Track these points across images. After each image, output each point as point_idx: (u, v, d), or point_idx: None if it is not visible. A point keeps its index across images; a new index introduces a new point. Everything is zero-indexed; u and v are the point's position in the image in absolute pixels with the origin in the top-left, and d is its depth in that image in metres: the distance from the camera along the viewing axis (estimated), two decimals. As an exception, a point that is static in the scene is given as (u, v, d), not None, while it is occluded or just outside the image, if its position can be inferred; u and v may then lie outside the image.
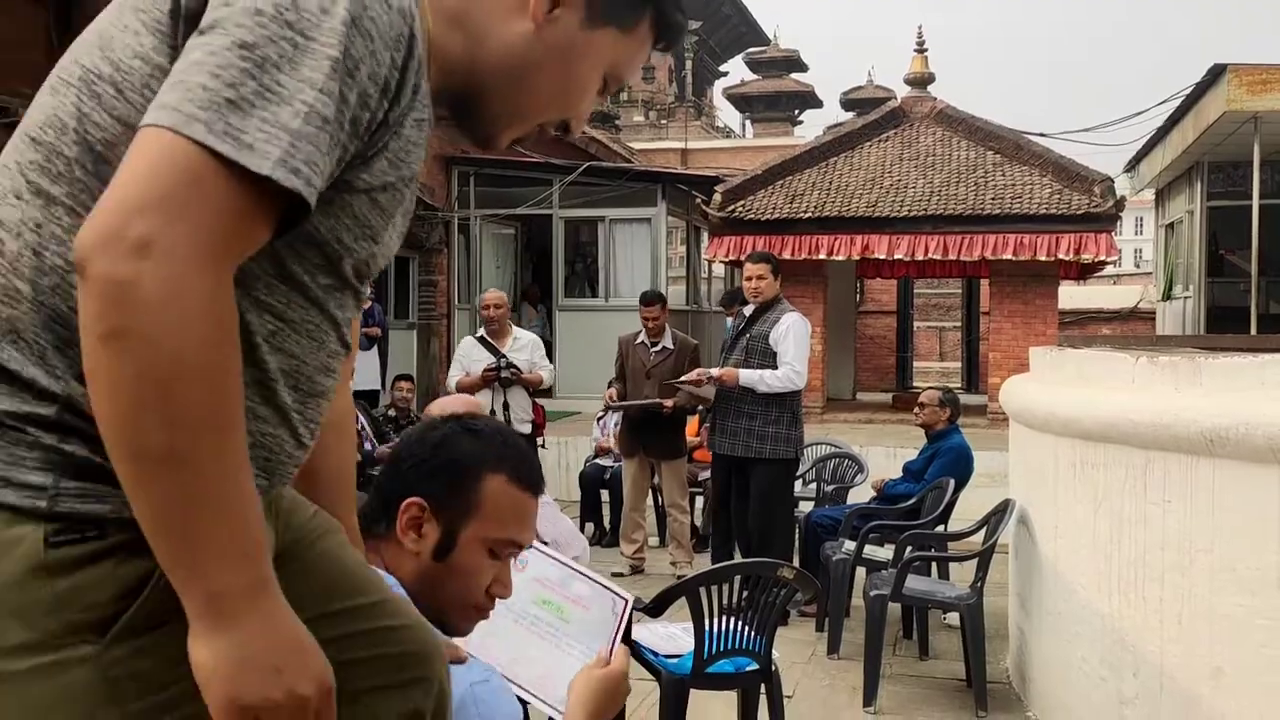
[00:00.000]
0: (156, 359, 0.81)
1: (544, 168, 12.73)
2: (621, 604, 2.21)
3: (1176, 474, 3.36)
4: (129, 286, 0.80)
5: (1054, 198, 10.09)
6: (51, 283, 0.92)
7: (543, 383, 6.59)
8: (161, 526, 0.84)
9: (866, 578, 4.99)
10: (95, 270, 0.80)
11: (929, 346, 23.15)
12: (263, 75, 0.85)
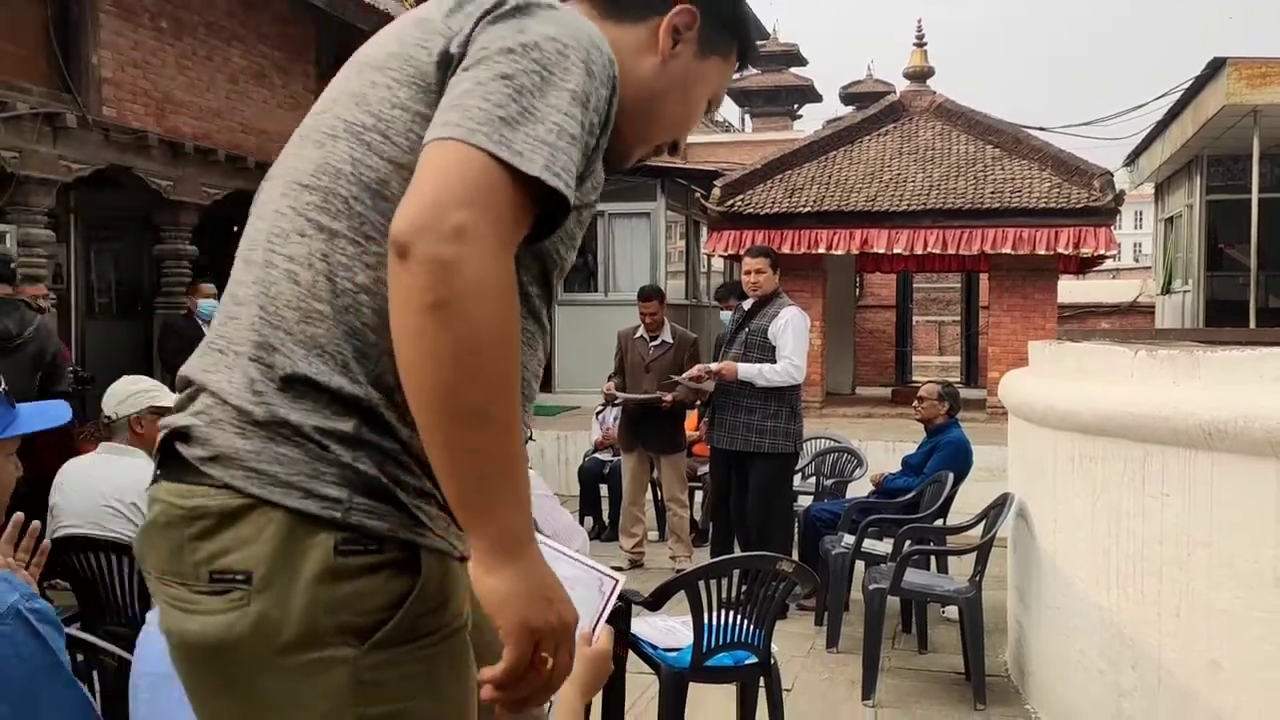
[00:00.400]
0: (473, 328, 0.96)
1: (543, 162, 12.70)
2: (610, 584, 2.22)
3: (1175, 467, 3.36)
4: (451, 265, 0.95)
5: (1053, 192, 10.08)
6: (345, 303, 1.08)
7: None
8: (467, 473, 0.99)
9: (865, 571, 4.99)
10: (420, 252, 0.95)
11: (928, 341, 23.14)
12: (521, 99, 1.03)
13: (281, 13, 9.55)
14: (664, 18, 1.26)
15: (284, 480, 1.04)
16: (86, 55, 7.38)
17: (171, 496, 1.08)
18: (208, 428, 1.08)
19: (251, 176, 9.02)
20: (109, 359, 9.76)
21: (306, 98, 9.95)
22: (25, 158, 6.87)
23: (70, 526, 3.49)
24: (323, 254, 1.10)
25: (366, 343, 1.07)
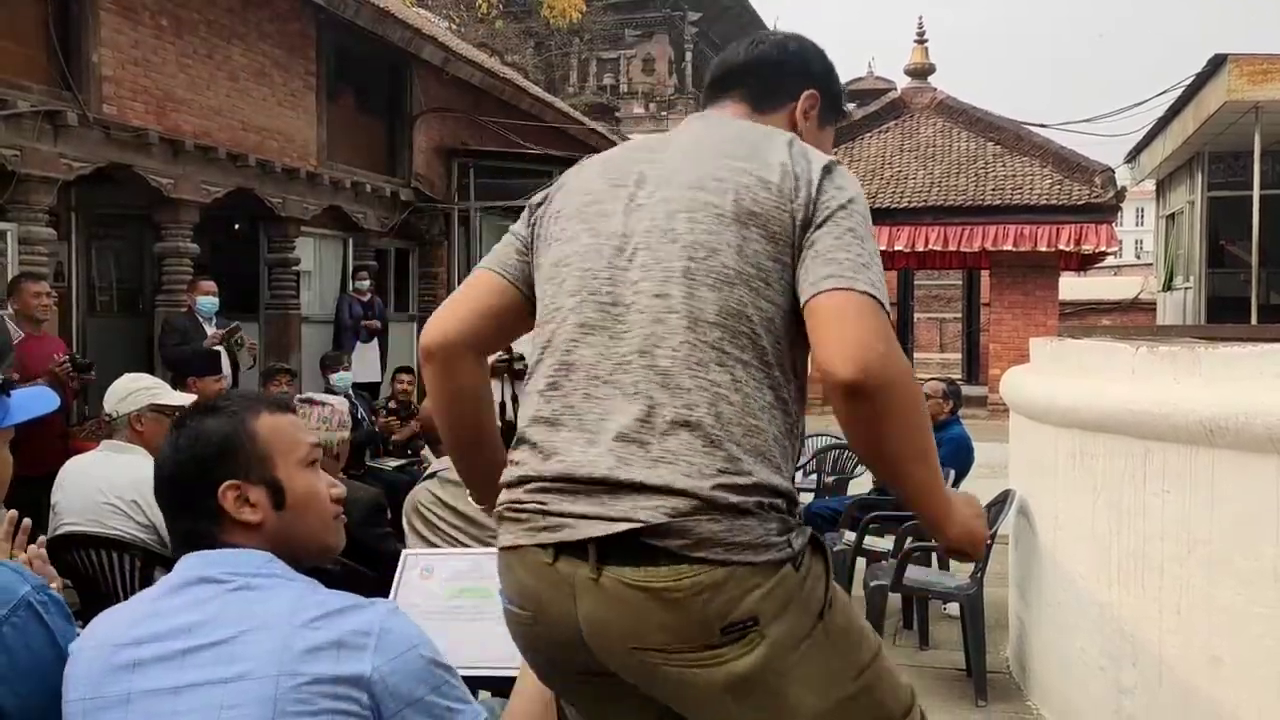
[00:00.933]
0: (918, 414, 1.46)
1: (543, 159, 12.70)
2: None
3: (1175, 464, 3.36)
4: (894, 385, 1.41)
5: (1054, 189, 10.07)
6: (766, 418, 1.47)
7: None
8: (922, 490, 1.51)
9: (866, 568, 5.00)
10: (872, 385, 1.38)
11: (929, 338, 23.15)
12: (864, 246, 1.48)
13: (282, 10, 9.55)
14: (797, 103, 1.75)
15: (751, 544, 1.40)
16: (87, 53, 7.37)
17: (661, 581, 1.39)
18: (683, 520, 1.39)
19: (251, 174, 9.02)
20: (110, 356, 9.74)
21: (306, 95, 9.95)
22: (26, 156, 6.87)
23: (71, 524, 3.49)
24: (741, 380, 1.46)
25: (784, 447, 1.50)
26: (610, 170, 1.68)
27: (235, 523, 1.43)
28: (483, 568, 2.08)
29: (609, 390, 1.47)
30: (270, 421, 1.49)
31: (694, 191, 1.53)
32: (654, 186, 1.58)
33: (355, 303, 9.89)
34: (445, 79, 12.31)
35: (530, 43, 24.63)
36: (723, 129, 1.68)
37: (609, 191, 1.63)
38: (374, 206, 11.11)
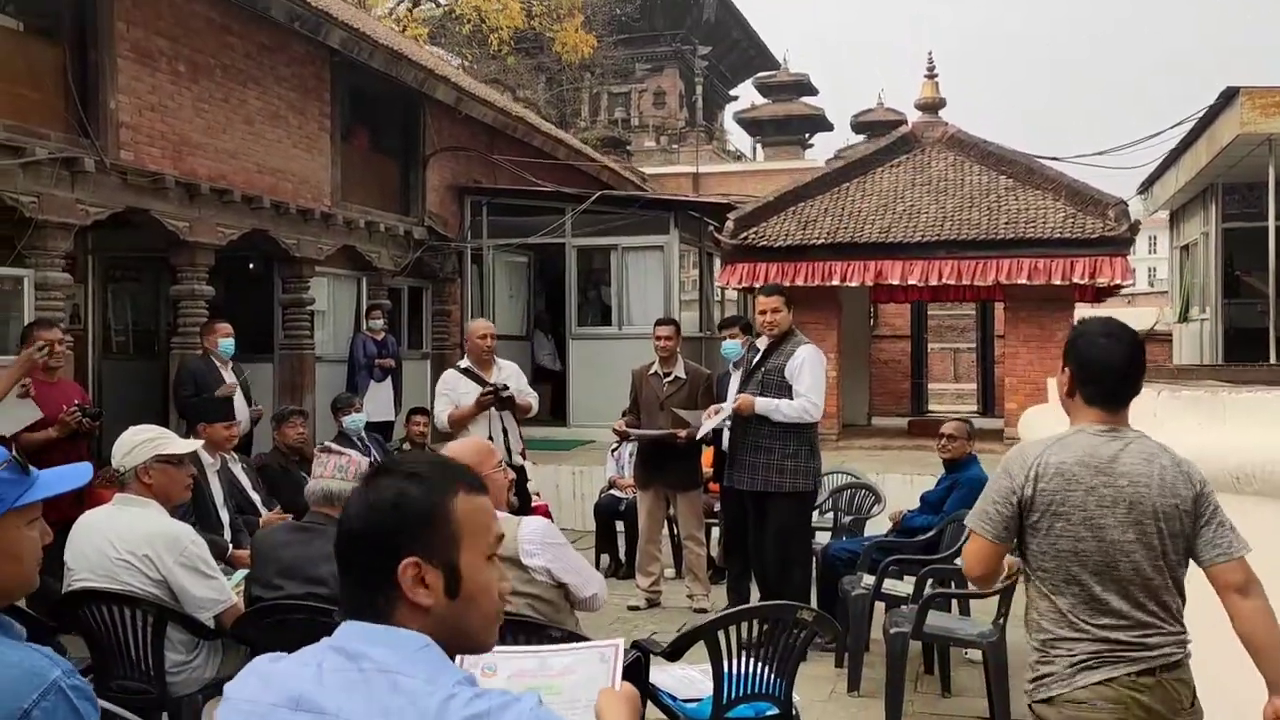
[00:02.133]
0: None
1: (556, 196, 12.75)
2: (610, 650, 2.19)
3: (1201, 511, 3.30)
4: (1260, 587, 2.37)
5: (1068, 222, 10.03)
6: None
7: (532, 409, 6.49)
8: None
9: (886, 613, 4.92)
10: (1256, 589, 2.43)
11: (943, 368, 23.02)
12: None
13: (297, 54, 9.64)
14: None
15: None
16: (105, 100, 7.44)
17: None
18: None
19: (266, 216, 9.08)
20: (125, 397, 9.79)
21: (321, 137, 10.03)
22: (44, 202, 6.92)
23: (83, 580, 3.47)
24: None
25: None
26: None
27: (406, 600, 1.38)
28: (548, 665, 2.03)
29: None
30: (467, 503, 1.44)
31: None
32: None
33: (369, 342, 9.90)
34: (458, 118, 12.40)
35: (542, 78, 24.80)
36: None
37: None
38: (387, 245, 11.16)
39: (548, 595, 3.30)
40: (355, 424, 7.06)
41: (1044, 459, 2.44)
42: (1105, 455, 2.44)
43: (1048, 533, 2.42)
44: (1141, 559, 2.39)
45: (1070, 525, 2.39)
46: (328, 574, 3.34)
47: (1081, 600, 2.40)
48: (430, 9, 24.58)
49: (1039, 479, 2.42)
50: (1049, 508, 2.41)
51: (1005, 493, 2.47)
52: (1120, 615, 2.39)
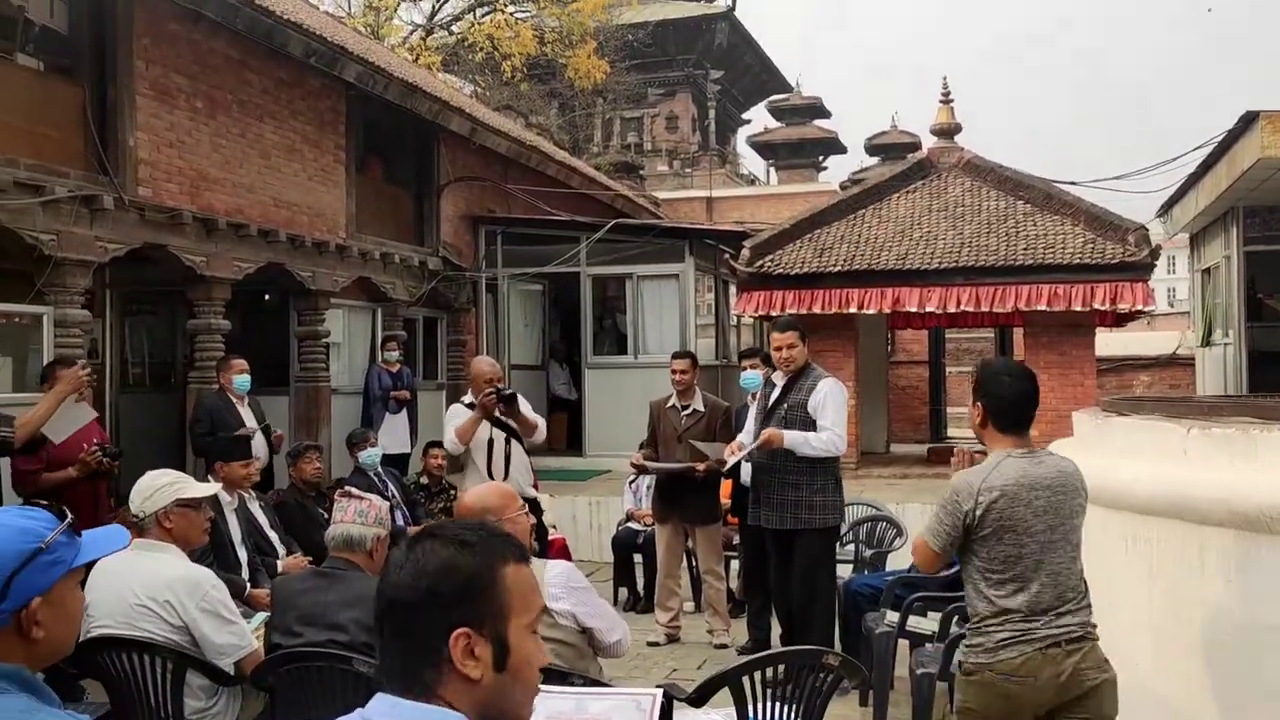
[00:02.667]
0: None
1: (570, 225, 12.77)
2: (647, 700, 2.15)
3: (1235, 551, 3.24)
4: None
5: (1087, 247, 9.96)
6: None
7: (539, 429, 6.39)
8: None
9: (911, 652, 4.85)
10: None
11: (960, 392, 22.80)
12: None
13: (313, 88, 9.71)
14: None
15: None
16: (124, 137, 7.49)
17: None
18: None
19: (282, 249, 9.11)
20: (142, 430, 9.82)
21: (336, 169, 10.08)
22: (63, 240, 6.96)
23: (102, 626, 3.44)
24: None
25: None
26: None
27: (456, 672, 1.35)
28: (585, 708, 1.99)
29: None
30: (515, 573, 1.42)
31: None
32: None
33: (384, 374, 9.90)
34: (472, 148, 12.45)
35: (554, 103, 24.93)
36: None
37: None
38: (402, 276, 11.18)
39: (572, 640, 3.26)
40: (371, 459, 7.04)
41: (988, 484, 3.05)
42: (1035, 475, 3.09)
43: (997, 542, 3.03)
44: (1064, 554, 3.05)
45: (1015, 535, 3.01)
46: (348, 620, 3.31)
47: (1020, 591, 3.01)
48: (443, 37, 24.77)
49: (986, 502, 3.03)
50: (998, 523, 3.02)
51: (955, 516, 3.08)
52: (1049, 600, 3.01)
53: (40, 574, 1.59)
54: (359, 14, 23.18)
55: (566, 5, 23.00)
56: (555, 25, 23.10)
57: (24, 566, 1.57)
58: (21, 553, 1.58)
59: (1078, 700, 3.00)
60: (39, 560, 1.59)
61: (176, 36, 7.98)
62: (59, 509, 1.71)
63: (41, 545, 1.60)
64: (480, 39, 22.59)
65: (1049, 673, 2.94)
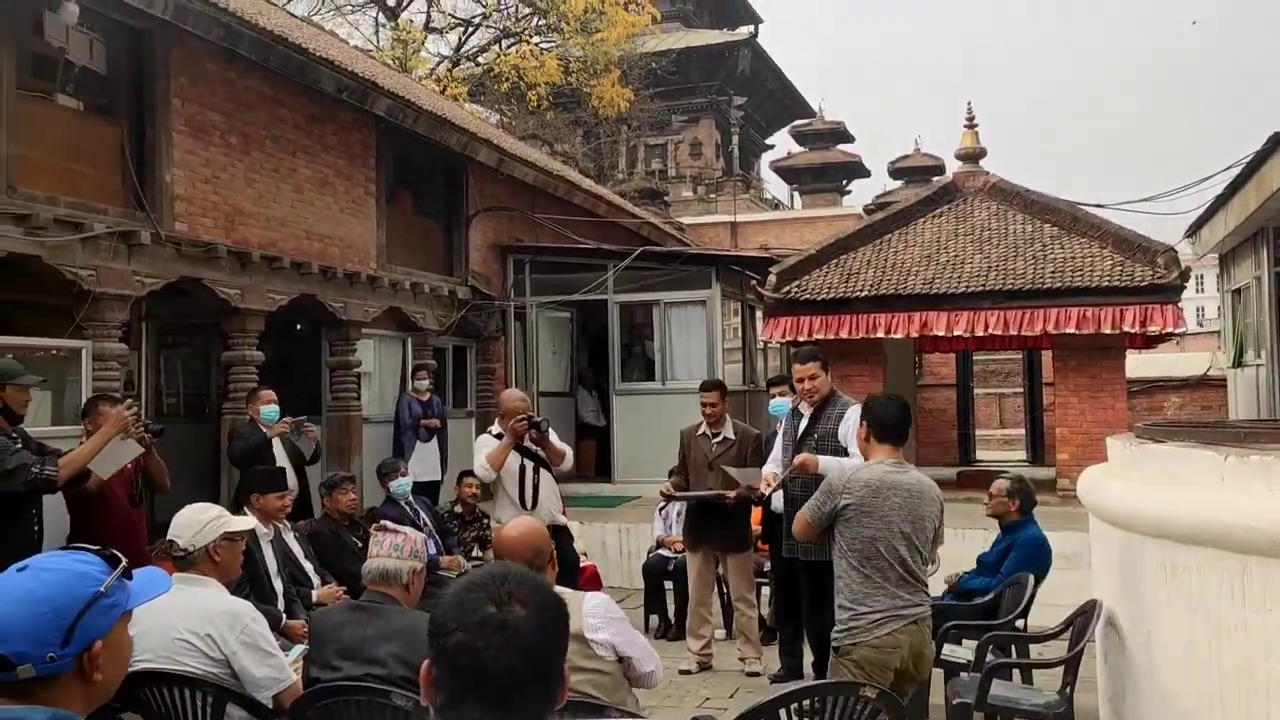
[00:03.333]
0: None
1: (598, 253, 12.85)
2: None
3: (1276, 579, 3.21)
4: None
5: (1115, 270, 9.91)
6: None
7: (567, 458, 6.46)
8: None
9: (946, 682, 4.82)
10: None
11: (988, 414, 22.72)
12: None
13: (344, 123, 9.86)
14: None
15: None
16: (160, 174, 7.64)
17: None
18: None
19: (315, 281, 9.23)
20: (177, 462, 9.89)
21: (367, 201, 10.21)
22: (101, 275, 7.09)
23: (143, 660, 3.48)
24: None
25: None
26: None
27: (559, 702, 1.45)
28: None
29: None
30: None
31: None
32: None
33: (414, 402, 9.97)
34: (500, 178, 12.58)
35: (579, 131, 25.12)
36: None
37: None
38: (432, 306, 11.28)
39: (609, 670, 3.28)
40: (402, 489, 7.09)
41: (856, 480, 3.88)
42: (894, 479, 3.86)
43: (860, 526, 3.80)
44: (911, 546, 3.79)
45: (872, 521, 3.79)
46: (386, 654, 3.33)
47: (880, 571, 3.76)
48: (470, 68, 25.06)
49: (852, 493, 3.83)
50: (859, 510, 3.80)
51: (829, 503, 3.90)
52: (901, 584, 3.76)
53: (100, 617, 1.62)
54: (387, 47, 23.51)
55: (591, 35, 23.21)
56: (580, 55, 23.32)
57: (86, 611, 1.60)
58: (83, 597, 1.60)
59: (923, 667, 3.91)
60: (100, 604, 1.62)
61: (211, 75, 8.14)
62: (109, 552, 1.72)
63: (101, 590, 1.63)
64: (506, 69, 22.84)
65: (907, 642, 3.75)
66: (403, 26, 23.99)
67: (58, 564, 1.64)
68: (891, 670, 3.71)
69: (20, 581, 1.60)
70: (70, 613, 1.58)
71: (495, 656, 1.36)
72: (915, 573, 3.77)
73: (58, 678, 1.57)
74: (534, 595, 1.42)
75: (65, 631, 1.57)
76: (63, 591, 1.60)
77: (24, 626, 1.55)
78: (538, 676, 1.39)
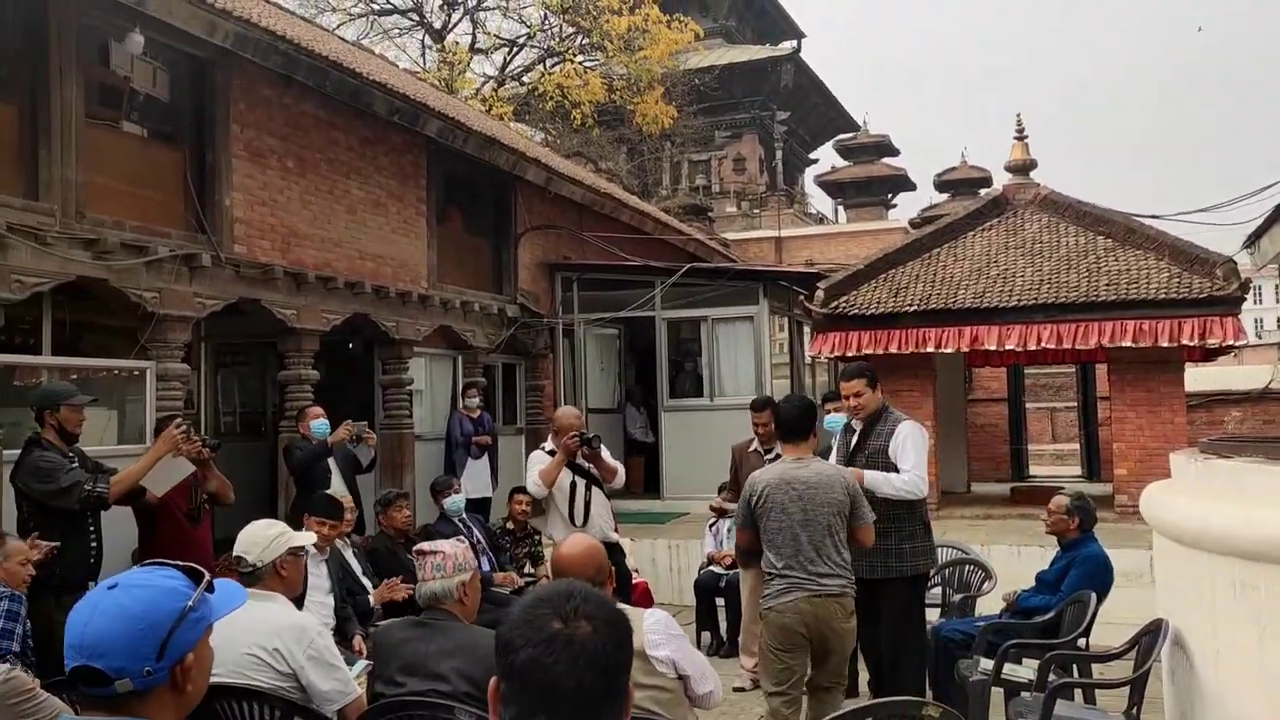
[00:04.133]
0: None
1: (645, 270, 12.90)
2: None
3: (1350, 598, 3.14)
4: None
5: (1173, 281, 9.75)
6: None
7: (619, 474, 6.46)
8: None
9: (1007, 701, 4.76)
10: None
11: (1040, 428, 22.41)
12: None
13: (396, 144, 10.02)
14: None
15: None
16: (220, 198, 7.82)
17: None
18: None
19: (368, 300, 9.37)
20: (235, 479, 10.07)
21: (418, 221, 10.36)
22: (164, 297, 7.27)
23: (215, 675, 3.54)
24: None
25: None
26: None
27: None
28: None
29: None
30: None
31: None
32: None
33: (465, 420, 10.07)
34: (548, 196, 12.69)
35: (623, 148, 25.25)
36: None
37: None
38: (482, 324, 11.39)
39: (670, 687, 3.29)
40: (456, 505, 7.15)
41: (760, 479, 4.58)
42: (793, 474, 4.49)
43: (767, 519, 4.47)
44: (817, 531, 4.39)
45: (777, 514, 4.43)
46: (449, 670, 3.37)
47: (784, 554, 4.42)
48: (514, 88, 25.32)
49: (758, 490, 4.53)
50: (764, 505, 4.48)
51: (745, 503, 4.61)
52: (801, 564, 4.39)
53: (190, 630, 1.67)
54: (433, 69, 23.84)
55: (634, 53, 23.36)
56: (623, 73, 23.47)
57: (178, 625, 1.64)
58: (174, 612, 1.65)
59: (832, 638, 4.42)
60: (189, 618, 1.66)
61: (269, 101, 8.33)
62: (190, 567, 1.77)
63: (190, 604, 1.67)
64: (550, 88, 23.05)
65: (809, 611, 4.34)
66: (449, 48, 24.32)
67: (146, 580, 1.68)
68: (798, 634, 4.38)
69: (114, 599, 1.64)
70: (164, 627, 1.63)
71: (564, 672, 1.37)
72: (820, 555, 4.37)
73: (152, 690, 1.62)
74: (599, 611, 1.43)
75: (160, 645, 1.62)
76: (155, 607, 1.64)
77: (121, 642, 1.60)
78: (605, 692, 1.40)
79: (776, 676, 4.50)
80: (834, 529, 4.40)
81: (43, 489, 4.97)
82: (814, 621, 4.36)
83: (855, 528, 4.52)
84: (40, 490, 4.97)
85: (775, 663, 4.50)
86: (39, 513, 4.96)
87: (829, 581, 4.36)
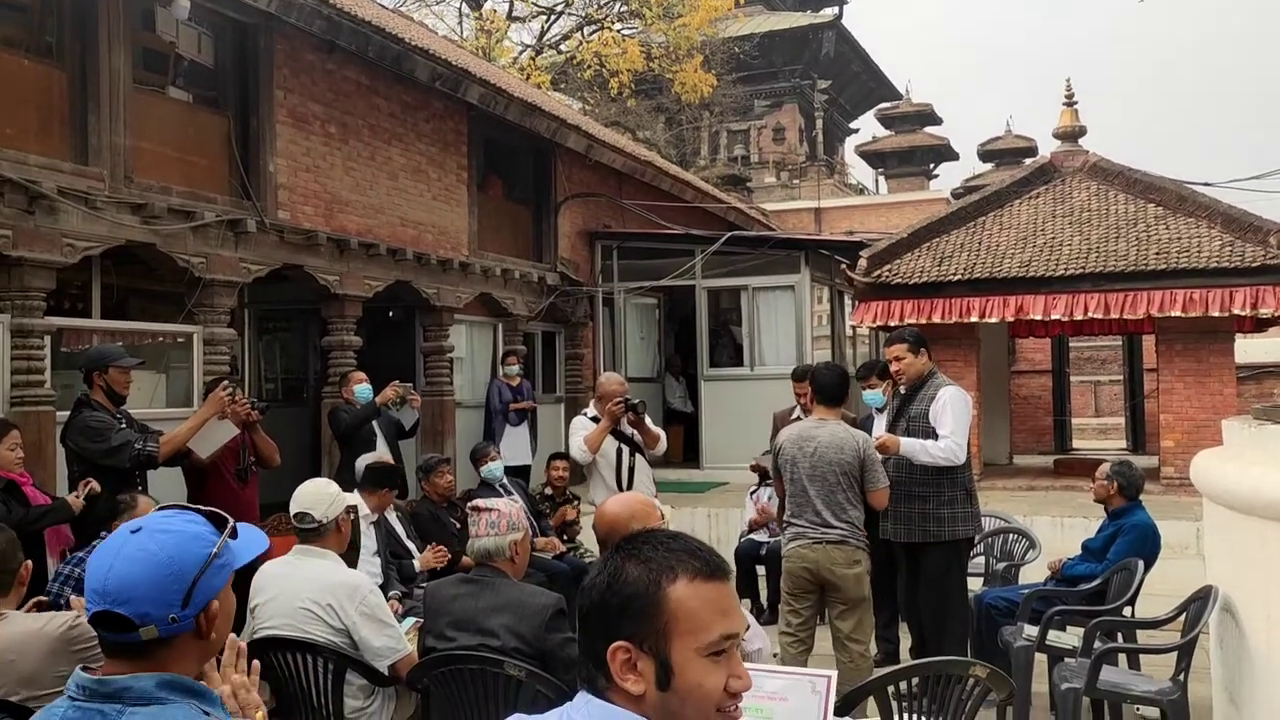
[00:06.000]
0: None
1: (685, 239, 12.85)
2: (822, 682, 2.19)
3: None
4: None
5: (1225, 250, 9.55)
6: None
7: (661, 441, 6.44)
8: None
9: (1051, 667, 4.73)
10: None
11: (1083, 401, 22.11)
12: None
13: (438, 110, 10.03)
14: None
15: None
16: (264, 164, 7.88)
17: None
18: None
19: (409, 267, 9.42)
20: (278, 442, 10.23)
21: (459, 189, 10.38)
22: (211, 262, 7.35)
23: (270, 628, 3.63)
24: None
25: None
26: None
27: (616, 685, 1.38)
28: (761, 686, 2.06)
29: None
30: (688, 592, 1.38)
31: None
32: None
33: (505, 387, 10.11)
34: (588, 164, 12.65)
35: (661, 118, 25.08)
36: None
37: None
38: (522, 292, 11.42)
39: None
40: (493, 472, 7.18)
41: (782, 436, 5.04)
42: (810, 433, 4.84)
43: (786, 471, 4.86)
44: (824, 486, 4.73)
45: (792, 467, 4.82)
46: (498, 626, 3.41)
47: (795, 504, 4.82)
48: (552, 56, 25.22)
49: (779, 446, 4.96)
50: (786, 459, 4.86)
51: (773, 456, 5.07)
52: (810, 514, 4.75)
53: (215, 577, 1.60)
54: (471, 37, 23.80)
55: (673, 20, 23.15)
56: (662, 41, 23.28)
57: (204, 571, 1.58)
58: (200, 558, 1.58)
59: (835, 581, 4.75)
60: (215, 564, 1.60)
61: (313, 66, 8.36)
62: (214, 512, 1.71)
63: (215, 550, 1.61)
64: (588, 57, 22.92)
65: (810, 557, 4.74)
66: (486, 16, 24.24)
67: (170, 524, 1.61)
68: (803, 579, 4.80)
69: (138, 543, 1.56)
70: (189, 573, 1.56)
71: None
72: (827, 508, 4.70)
73: (176, 637, 1.55)
74: (609, 563, 1.45)
75: (186, 592, 1.55)
76: (181, 552, 1.57)
77: (146, 588, 1.53)
78: (582, 632, 1.47)
79: (786, 619, 4.93)
80: (842, 487, 4.70)
81: (94, 448, 5.08)
82: (815, 566, 4.73)
83: (870, 490, 4.76)
84: (92, 449, 5.08)
85: (785, 607, 4.97)
86: (92, 472, 5.07)
87: (830, 531, 4.71)
